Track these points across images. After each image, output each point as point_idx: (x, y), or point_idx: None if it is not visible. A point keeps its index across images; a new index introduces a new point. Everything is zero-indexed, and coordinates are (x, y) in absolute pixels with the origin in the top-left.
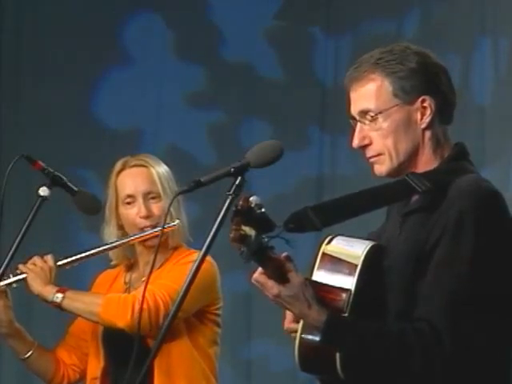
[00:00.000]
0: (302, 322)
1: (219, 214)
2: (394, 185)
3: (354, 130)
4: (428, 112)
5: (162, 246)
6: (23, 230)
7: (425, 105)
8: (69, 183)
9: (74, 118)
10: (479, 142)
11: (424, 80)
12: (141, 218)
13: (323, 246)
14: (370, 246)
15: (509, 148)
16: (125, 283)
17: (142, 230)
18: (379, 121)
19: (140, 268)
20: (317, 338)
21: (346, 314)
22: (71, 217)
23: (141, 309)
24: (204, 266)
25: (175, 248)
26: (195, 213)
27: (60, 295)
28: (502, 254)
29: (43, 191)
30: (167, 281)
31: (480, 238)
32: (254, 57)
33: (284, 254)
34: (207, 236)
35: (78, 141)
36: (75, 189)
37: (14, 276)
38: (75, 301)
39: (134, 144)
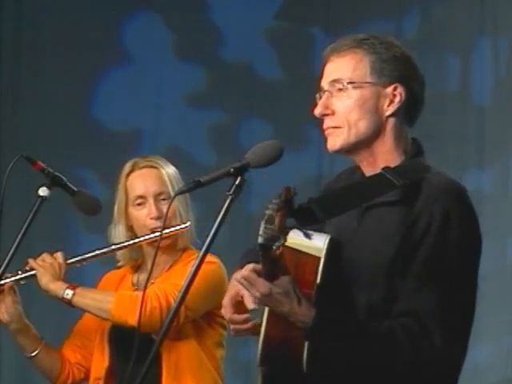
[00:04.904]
0: (266, 315)
1: (219, 213)
2: (374, 179)
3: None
4: (397, 100)
5: (171, 248)
6: (23, 230)
7: (395, 92)
8: (68, 183)
9: (73, 118)
10: (479, 141)
11: (403, 70)
12: (151, 219)
13: None
14: (329, 238)
15: (508, 148)
16: (133, 284)
17: (153, 231)
18: (348, 91)
19: (148, 269)
20: (287, 331)
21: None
22: (71, 217)
23: (141, 307)
24: (213, 268)
25: (183, 250)
26: (195, 213)
27: (70, 292)
28: (479, 248)
29: (43, 191)
30: (178, 280)
31: (465, 233)
32: (254, 57)
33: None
34: (207, 236)
35: (78, 141)
36: (75, 189)
37: (23, 272)
38: (86, 297)
39: (134, 144)
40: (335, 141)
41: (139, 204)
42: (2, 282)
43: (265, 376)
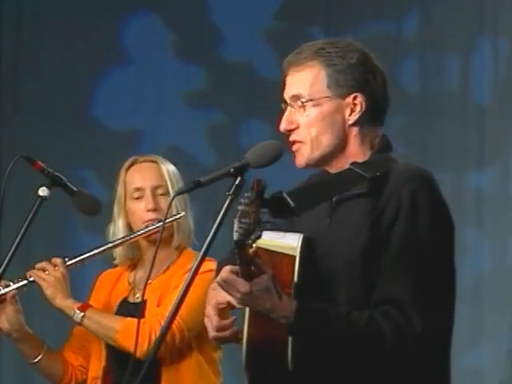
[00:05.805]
0: (247, 317)
1: (219, 214)
2: (343, 174)
3: (283, 114)
4: (358, 109)
5: (167, 242)
6: (23, 230)
7: (355, 102)
8: (68, 183)
9: (73, 118)
10: (479, 141)
11: (360, 77)
12: (148, 211)
13: None
14: (302, 236)
15: (509, 148)
16: (129, 284)
17: (147, 223)
18: (308, 108)
19: (145, 266)
20: (269, 331)
21: None
22: (71, 217)
23: (137, 332)
24: (210, 277)
25: (181, 250)
26: (195, 213)
27: (80, 314)
28: (451, 231)
29: (43, 191)
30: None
31: (434, 214)
32: (254, 57)
33: (252, 250)
34: (207, 236)
35: (78, 141)
36: (75, 189)
37: (23, 279)
38: (94, 322)
39: (134, 144)
40: (301, 159)
41: (137, 198)
42: (4, 291)
43: (251, 380)
